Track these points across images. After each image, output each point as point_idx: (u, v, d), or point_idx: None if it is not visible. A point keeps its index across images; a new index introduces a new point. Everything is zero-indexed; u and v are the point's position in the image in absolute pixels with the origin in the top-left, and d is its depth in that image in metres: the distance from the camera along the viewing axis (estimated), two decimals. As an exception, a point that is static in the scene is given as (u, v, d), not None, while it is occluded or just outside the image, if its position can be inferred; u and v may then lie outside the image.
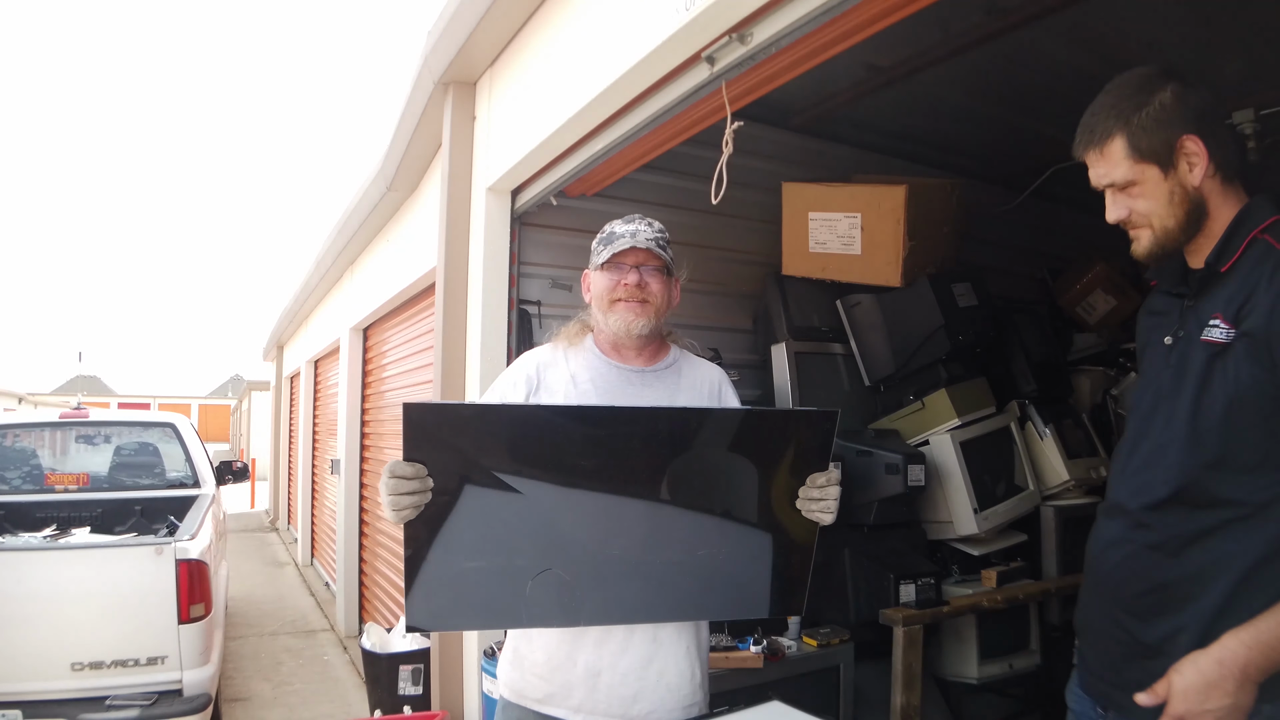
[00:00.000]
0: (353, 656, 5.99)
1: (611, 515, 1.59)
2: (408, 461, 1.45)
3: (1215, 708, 1.29)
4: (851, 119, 3.98)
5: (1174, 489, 1.43)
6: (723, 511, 1.63)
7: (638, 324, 1.80)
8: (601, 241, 1.87)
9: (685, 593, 1.65)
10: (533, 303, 3.54)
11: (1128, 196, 1.47)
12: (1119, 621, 1.51)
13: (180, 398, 39.04)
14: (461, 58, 3.46)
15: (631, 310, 1.80)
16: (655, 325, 1.84)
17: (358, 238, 6.56)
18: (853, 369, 3.79)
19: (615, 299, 1.81)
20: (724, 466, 1.62)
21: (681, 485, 1.59)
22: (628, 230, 1.83)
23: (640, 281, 1.80)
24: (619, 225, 1.86)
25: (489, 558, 1.55)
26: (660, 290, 1.83)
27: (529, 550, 1.56)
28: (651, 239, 1.83)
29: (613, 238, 1.84)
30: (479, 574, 1.55)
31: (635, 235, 1.82)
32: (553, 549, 1.57)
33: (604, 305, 1.84)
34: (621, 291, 1.80)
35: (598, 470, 1.57)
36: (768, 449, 1.63)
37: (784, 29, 1.99)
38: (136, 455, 5.66)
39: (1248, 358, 1.36)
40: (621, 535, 1.59)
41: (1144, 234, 1.48)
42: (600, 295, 1.84)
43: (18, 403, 21.32)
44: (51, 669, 3.50)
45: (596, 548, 1.59)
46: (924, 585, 3.14)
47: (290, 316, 11.44)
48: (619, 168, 3.16)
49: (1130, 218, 1.48)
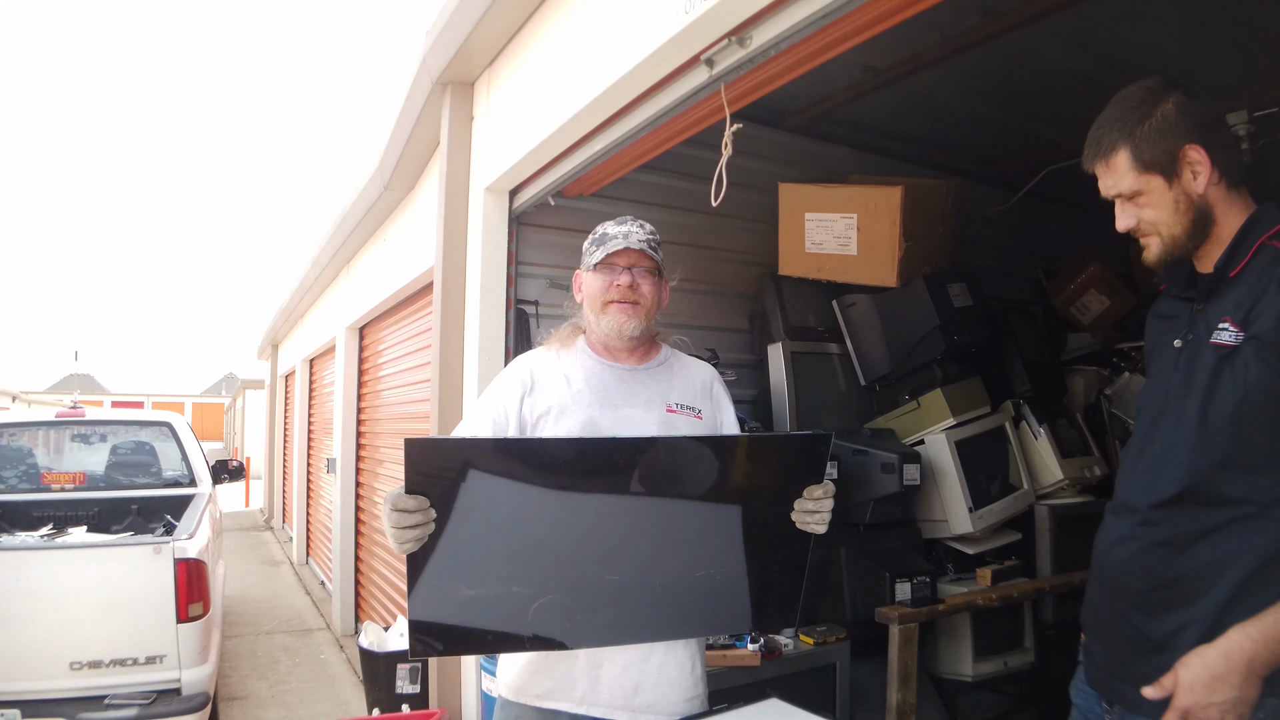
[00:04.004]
0: (349, 655, 5.99)
1: (610, 541, 1.60)
2: (410, 494, 1.45)
3: (1221, 701, 1.31)
4: (848, 120, 3.99)
5: (1182, 488, 1.46)
6: (719, 534, 1.65)
7: (630, 325, 1.83)
8: (594, 242, 1.89)
9: (683, 611, 1.67)
10: (530, 302, 3.55)
11: (1135, 206, 1.51)
12: (1126, 617, 1.53)
13: (174, 396, 38.97)
14: (460, 58, 3.47)
15: (624, 312, 1.82)
16: (646, 326, 1.87)
17: (354, 237, 6.56)
18: (849, 369, 3.81)
19: (608, 300, 1.83)
20: (721, 490, 1.63)
21: (679, 510, 1.62)
22: (620, 231, 1.85)
23: (633, 283, 1.82)
24: (611, 226, 1.88)
25: (490, 586, 1.55)
26: (651, 291, 1.85)
27: (530, 578, 1.57)
28: (644, 240, 1.85)
29: (605, 239, 1.86)
30: (481, 601, 1.56)
31: (628, 236, 1.84)
32: (553, 575, 1.58)
33: (596, 307, 1.86)
34: (614, 293, 1.82)
35: (596, 499, 1.58)
36: (763, 472, 1.67)
37: (783, 32, 2.00)
38: (133, 454, 5.65)
39: (1256, 360, 1.39)
40: (621, 560, 1.61)
41: (1153, 242, 1.52)
42: (593, 296, 1.86)
43: (11, 401, 21.23)
44: (50, 668, 3.50)
45: (596, 573, 1.60)
46: (919, 584, 3.15)
47: (285, 315, 11.42)
48: (617, 168, 3.17)
49: (1139, 226, 1.52)
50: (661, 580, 1.64)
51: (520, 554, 1.56)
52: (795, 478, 1.63)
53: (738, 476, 1.65)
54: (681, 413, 1.86)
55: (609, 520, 1.59)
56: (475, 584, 1.55)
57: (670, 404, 1.86)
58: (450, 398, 3.57)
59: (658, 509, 1.61)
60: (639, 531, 1.62)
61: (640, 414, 1.82)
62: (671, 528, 1.63)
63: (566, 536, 1.58)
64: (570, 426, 1.79)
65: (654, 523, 1.62)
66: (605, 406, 1.82)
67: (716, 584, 1.66)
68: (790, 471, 1.64)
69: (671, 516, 1.63)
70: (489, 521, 1.53)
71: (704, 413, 1.89)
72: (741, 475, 1.65)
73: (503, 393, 1.86)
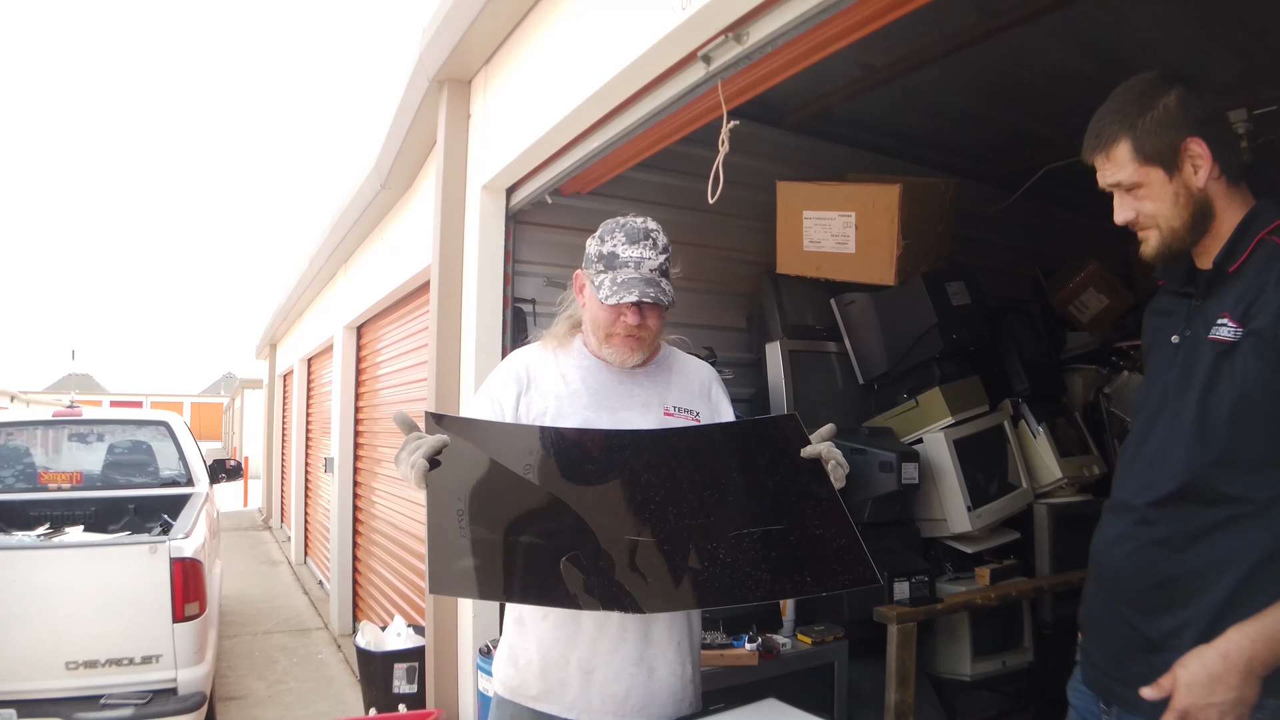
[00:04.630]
0: (347, 655, 5.98)
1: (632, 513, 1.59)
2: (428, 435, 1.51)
3: (1220, 701, 1.30)
4: (846, 118, 3.98)
5: (1180, 486, 1.45)
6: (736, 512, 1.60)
7: (633, 358, 1.81)
8: (603, 261, 1.75)
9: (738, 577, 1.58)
10: (528, 301, 3.54)
11: (1134, 199, 1.50)
12: (1124, 617, 1.52)
13: (172, 396, 38.87)
14: (456, 56, 3.46)
15: (628, 346, 1.79)
16: (648, 353, 1.84)
17: (351, 235, 6.54)
18: (847, 367, 3.80)
19: (612, 334, 1.79)
20: (715, 478, 1.61)
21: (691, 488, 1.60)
22: (632, 257, 1.72)
23: (641, 322, 1.76)
24: (622, 245, 1.73)
25: (514, 533, 1.59)
26: (657, 324, 1.80)
27: (554, 531, 1.58)
28: (656, 269, 1.74)
29: (614, 261, 1.73)
30: (502, 548, 1.60)
31: (640, 265, 1.72)
32: (578, 532, 1.58)
33: (600, 334, 1.81)
34: (620, 328, 1.77)
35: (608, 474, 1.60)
36: (747, 456, 1.64)
37: (780, 28, 1.99)
38: (130, 454, 5.65)
39: (1255, 356, 1.38)
40: (649, 523, 1.58)
41: (1151, 235, 1.51)
42: (598, 323, 1.80)
43: (10, 401, 21.22)
44: (46, 668, 3.49)
45: (624, 533, 1.58)
46: (918, 583, 3.15)
47: (283, 314, 11.41)
48: (614, 166, 3.16)
49: (1137, 219, 1.51)
50: (698, 544, 1.58)
51: (542, 510, 1.59)
52: (781, 454, 1.58)
53: (724, 463, 1.61)
54: (679, 415, 1.84)
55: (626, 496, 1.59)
56: (496, 529, 1.58)
57: (668, 407, 1.84)
58: (447, 396, 3.56)
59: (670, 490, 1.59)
60: (656, 505, 1.59)
61: (638, 416, 1.80)
62: (686, 502, 1.58)
63: (585, 504, 1.59)
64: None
65: (670, 499, 1.58)
66: (602, 408, 1.80)
67: (759, 544, 1.57)
68: (773, 449, 1.59)
69: (683, 493, 1.59)
70: (507, 479, 1.58)
71: (702, 415, 1.87)
72: (728, 460, 1.61)
73: (499, 391, 1.84)
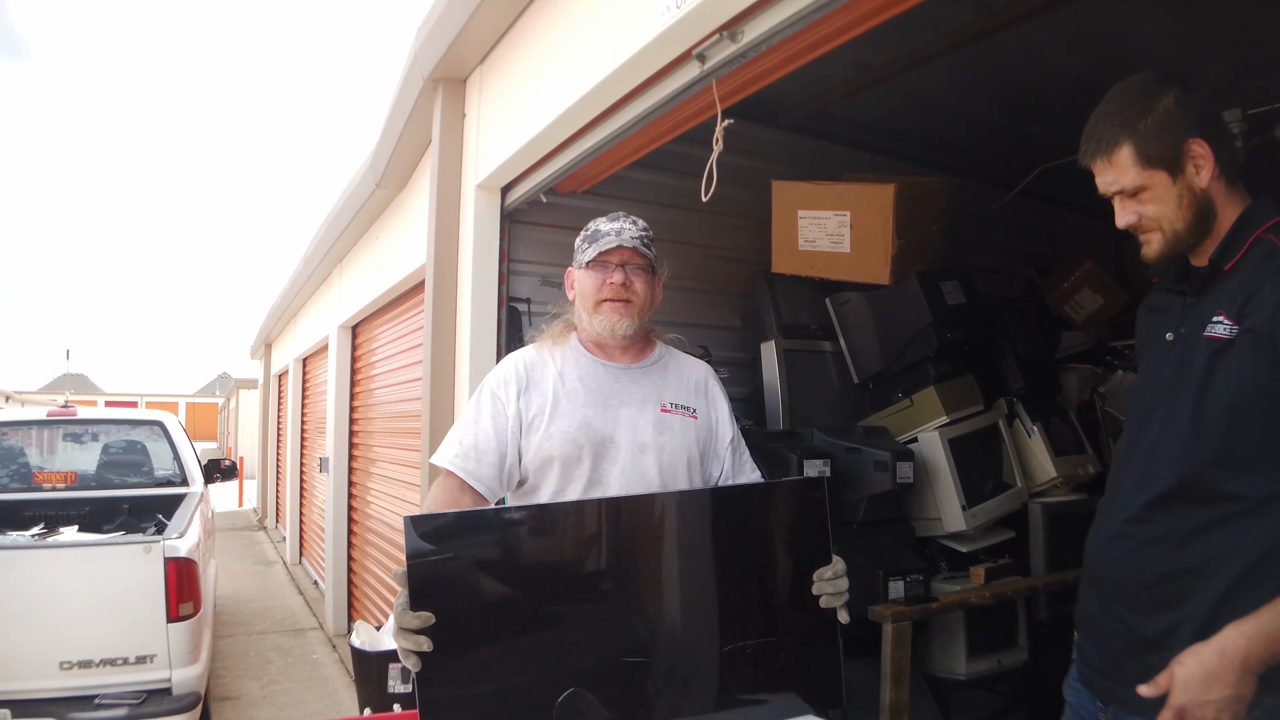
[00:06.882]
0: (342, 655, 5.97)
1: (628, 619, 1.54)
2: (414, 613, 1.40)
3: (1216, 698, 1.30)
4: (841, 117, 3.98)
5: (1175, 484, 1.45)
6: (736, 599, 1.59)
7: (623, 325, 1.81)
8: (586, 239, 1.86)
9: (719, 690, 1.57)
10: (523, 300, 3.54)
11: (1137, 202, 1.49)
12: (1120, 616, 1.52)
13: (168, 396, 38.79)
14: (451, 55, 3.46)
15: (616, 311, 1.81)
16: (639, 325, 1.85)
17: (346, 235, 6.53)
18: (841, 366, 3.80)
19: (601, 299, 1.82)
20: (726, 553, 1.59)
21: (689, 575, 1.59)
22: (612, 228, 1.83)
23: (626, 280, 1.81)
24: (604, 223, 1.86)
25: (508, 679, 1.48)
26: (644, 289, 1.84)
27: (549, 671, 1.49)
28: (637, 237, 1.83)
29: (597, 235, 1.84)
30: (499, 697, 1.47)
31: (620, 233, 1.82)
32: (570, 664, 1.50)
33: (589, 306, 1.84)
34: (607, 291, 1.81)
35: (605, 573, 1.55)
36: (759, 522, 1.63)
37: (774, 27, 1.99)
38: (124, 453, 5.64)
39: (1251, 354, 1.37)
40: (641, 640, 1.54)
41: (1154, 238, 1.50)
42: (585, 295, 1.85)
43: (5, 400, 21.18)
44: (40, 668, 3.48)
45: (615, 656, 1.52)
46: (913, 582, 3.14)
47: (278, 314, 11.39)
48: (609, 165, 3.16)
49: (1140, 223, 1.50)
50: (689, 658, 1.56)
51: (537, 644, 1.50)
52: (795, 527, 1.59)
53: (733, 528, 1.60)
54: (676, 412, 1.84)
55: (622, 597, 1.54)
56: (491, 679, 1.47)
57: (665, 403, 1.84)
58: (442, 396, 3.55)
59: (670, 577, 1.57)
60: (655, 605, 1.56)
61: (635, 413, 1.81)
62: (686, 596, 1.57)
63: (578, 618, 1.52)
64: (565, 426, 1.78)
65: (669, 593, 1.57)
66: (599, 406, 1.80)
67: (748, 657, 1.56)
68: (787, 520, 1.61)
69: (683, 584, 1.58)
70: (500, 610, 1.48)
71: (699, 411, 1.88)
72: (736, 526, 1.60)
73: (500, 390, 1.84)
